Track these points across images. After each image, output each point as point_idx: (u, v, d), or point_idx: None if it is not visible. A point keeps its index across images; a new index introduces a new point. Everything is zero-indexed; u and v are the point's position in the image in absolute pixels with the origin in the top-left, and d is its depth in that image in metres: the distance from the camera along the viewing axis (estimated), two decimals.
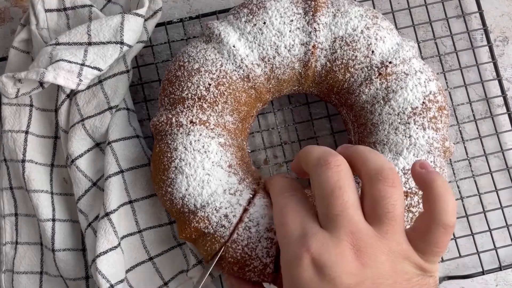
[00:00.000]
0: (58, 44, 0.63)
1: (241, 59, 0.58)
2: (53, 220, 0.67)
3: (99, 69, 0.62)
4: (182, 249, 0.66)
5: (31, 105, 0.68)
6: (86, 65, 0.61)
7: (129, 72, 0.66)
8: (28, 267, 0.68)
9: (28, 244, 0.69)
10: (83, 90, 0.65)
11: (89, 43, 0.63)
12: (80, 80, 0.61)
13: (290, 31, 0.58)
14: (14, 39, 0.68)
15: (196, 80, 0.57)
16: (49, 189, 0.67)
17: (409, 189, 0.55)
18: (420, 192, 0.57)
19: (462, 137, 0.71)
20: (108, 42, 0.62)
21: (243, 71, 0.58)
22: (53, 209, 0.67)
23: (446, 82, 0.72)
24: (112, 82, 0.65)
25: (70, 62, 0.60)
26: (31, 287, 0.67)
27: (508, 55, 0.74)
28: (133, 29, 0.63)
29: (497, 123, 0.72)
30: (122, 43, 0.62)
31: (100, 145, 0.66)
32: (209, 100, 0.57)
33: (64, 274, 0.66)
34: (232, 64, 0.58)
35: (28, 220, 0.69)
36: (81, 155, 0.64)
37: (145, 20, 0.66)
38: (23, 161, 0.66)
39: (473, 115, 0.72)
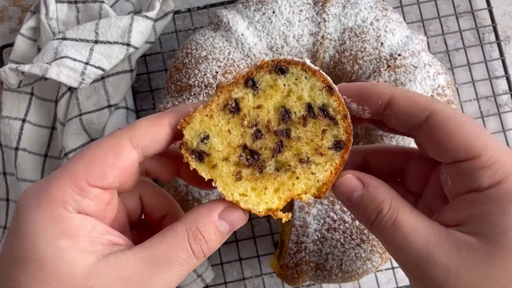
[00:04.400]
0: (65, 39, 0.63)
1: (249, 48, 0.58)
2: None
3: (102, 69, 0.62)
4: None
5: (32, 94, 0.68)
6: (90, 64, 0.61)
7: (132, 72, 0.66)
8: None
9: None
10: None
11: (96, 42, 0.62)
12: (83, 79, 0.61)
13: (299, 21, 0.58)
14: (22, 26, 0.68)
15: (204, 68, 0.57)
16: (39, 179, 0.67)
17: None
18: None
19: None
20: (115, 43, 0.62)
21: (251, 60, 0.58)
22: None
23: (454, 78, 0.71)
24: (115, 80, 0.65)
25: (74, 60, 0.60)
26: None
27: (510, 54, 0.73)
28: (142, 31, 0.63)
29: (504, 120, 0.71)
30: (129, 44, 0.62)
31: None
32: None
33: None
34: (240, 52, 0.58)
35: None
36: (75, 150, 0.64)
37: (155, 21, 0.66)
38: (17, 149, 0.66)
39: (480, 112, 0.71)
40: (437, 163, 0.39)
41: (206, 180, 0.36)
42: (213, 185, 0.36)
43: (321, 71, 0.37)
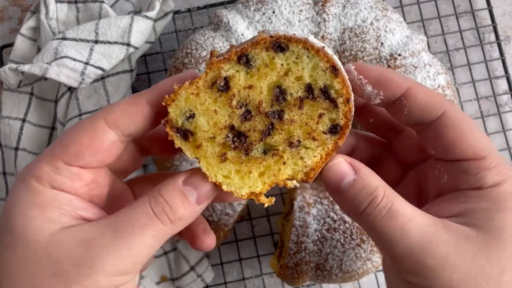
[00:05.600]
0: (64, 39, 0.63)
1: None
2: None
3: (102, 69, 0.62)
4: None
5: (32, 94, 0.68)
6: (90, 64, 0.61)
7: (132, 72, 0.66)
8: None
9: None
10: None
11: (96, 41, 0.62)
12: (83, 79, 0.61)
13: (299, 21, 0.58)
14: (22, 26, 0.68)
15: (204, 68, 0.57)
16: None
17: None
18: None
19: None
20: (115, 43, 0.62)
21: None
22: None
23: (454, 78, 0.71)
24: (115, 80, 0.65)
25: (74, 60, 0.60)
26: None
27: (510, 54, 0.73)
28: (141, 31, 0.63)
29: (504, 120, 0.71)
30: (129, 44, 0.62)
31: None
32: None
33: None
34: None
35: None
36: None
37: (155, 21, 0.65)
38: (17, 149, 0.66)
39: (481, 112, 0.71)
40: (417, 160, 0.40)
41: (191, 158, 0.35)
42: (197, 164, 0.35)
43: (325, 48, 0.34)
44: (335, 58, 0.34)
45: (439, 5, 0.72)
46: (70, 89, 0.66)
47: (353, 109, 0.35)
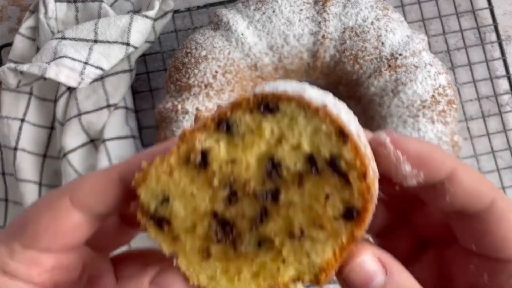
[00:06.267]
0: (64, 38, 0.62)
1: (249, 47, 0.57)
2: None
3: (102, 69, 0.61)
4: None
5: (31, 93, 0.68)
6: (90, 64, 0.61)
7: (132, 71, 0.65)
8: None
9: None
10: None
11: (95, 41, 0.62)
12: (82, 79, 0.60)
13: (299, 20, 0.57)
14: (21, 26, 0.68)
15: (203, 67, 0.57)
16: (38, 179, 0.67)
17: None
18: None
19: (470, 134, 0.70)
20: (115, 42, 0.62)
21: (251, 59, 0.58)
22: None
23: (455, 78, 0.71)
24: (114, 80, 0.64)
25: (73, 59, 0.60)
26: None
27: (511, 54, 0.73)
28: (141, 31, 0.62)
29: (505, 120, 0.71)
30: (128, 44, 0.62)
31: (94, 142, 0.65)
32: (215, 87, 0.57)
33: None
34: (240, 52, 0.58)
35: (17, 208, 0.68)
36: (74, 150, 0.64)
37: (155, 20, 0.65)
38: (15, 149, 0.66)
39: (481, 112, 0.71)
40: (439, 237, 0.34)
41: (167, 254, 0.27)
42: (175, 263, 0.27)
43: (329, 106, 0.25)
44: (343, 117, 0.25)
45: (440, 4, 0.72)
46: (70, 89, 0.66)
47: (374, 188, 0.25)
